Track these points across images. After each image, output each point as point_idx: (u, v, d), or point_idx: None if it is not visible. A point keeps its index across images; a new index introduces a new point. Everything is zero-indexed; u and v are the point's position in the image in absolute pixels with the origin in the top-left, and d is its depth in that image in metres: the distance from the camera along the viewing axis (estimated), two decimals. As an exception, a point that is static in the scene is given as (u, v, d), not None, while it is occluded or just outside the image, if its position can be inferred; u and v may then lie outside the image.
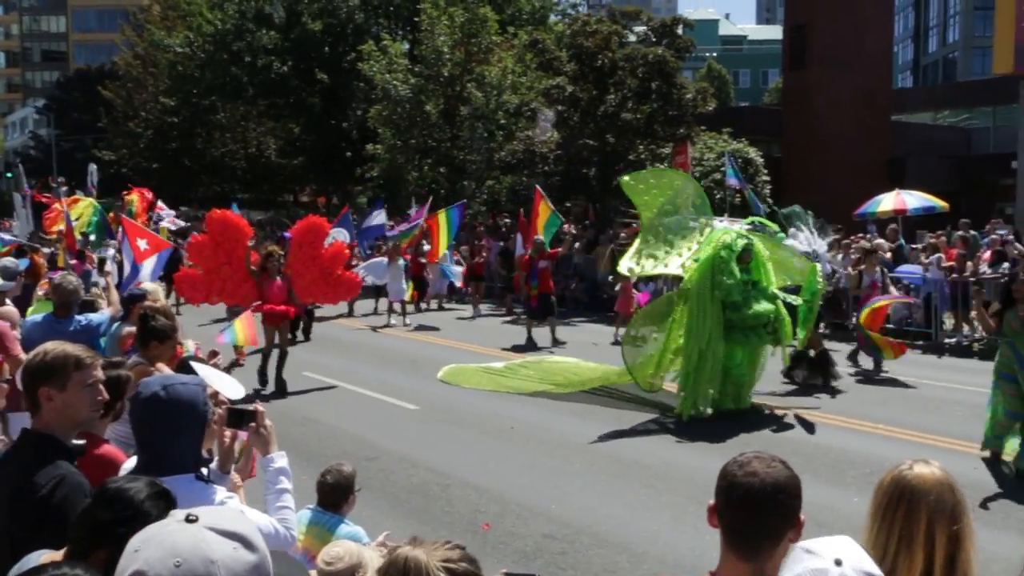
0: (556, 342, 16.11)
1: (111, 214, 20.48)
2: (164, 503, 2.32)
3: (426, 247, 21.02)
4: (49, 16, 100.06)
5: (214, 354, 5.83)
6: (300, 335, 16.96)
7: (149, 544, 1.51)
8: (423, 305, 21.71)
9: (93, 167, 24.17)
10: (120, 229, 17.66)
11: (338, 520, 4.75)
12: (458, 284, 21.77)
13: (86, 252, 16.10)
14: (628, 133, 25.66)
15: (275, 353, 12.58)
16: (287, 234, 15.00)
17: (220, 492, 3.12)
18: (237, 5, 41.11)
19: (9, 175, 64.35)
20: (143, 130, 45.32)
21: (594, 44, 25.37)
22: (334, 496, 4.79)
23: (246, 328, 11.89)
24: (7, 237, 16.86)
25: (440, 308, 22.20)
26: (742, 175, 22.00)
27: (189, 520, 1.54)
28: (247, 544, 1.55)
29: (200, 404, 3.14)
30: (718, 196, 24.79)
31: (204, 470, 3.18)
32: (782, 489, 2.29)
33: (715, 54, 76.23)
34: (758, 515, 2.26)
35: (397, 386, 12.72)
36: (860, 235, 19.68)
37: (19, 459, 3.11)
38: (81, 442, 3.59)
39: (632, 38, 27.73)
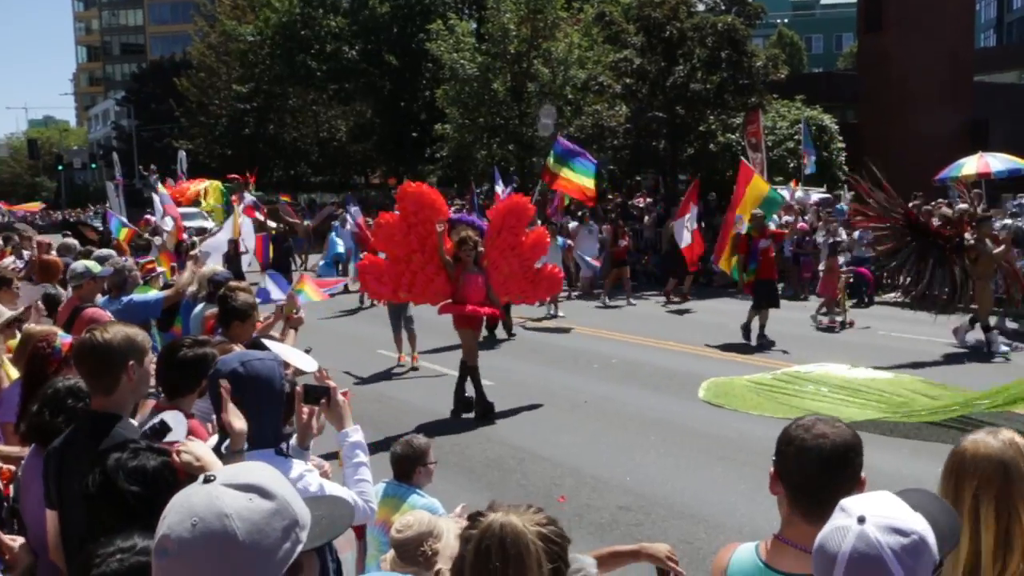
0: (764, 336, 13.75)
1: (234, 196, 20.77)
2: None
3: (572, 224, 19.73)
4: (127, 10, 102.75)
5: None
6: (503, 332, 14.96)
7: (172, 509, 1.57)
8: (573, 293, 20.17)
9: (182, 154, 24.70)
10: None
11: (410, 491, 4.81)
12: (594, 272, 19.83)
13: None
14: (698, 104, 25.26)
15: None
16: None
17: (298, 466, 3.19)
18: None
19: (94, 166, 66.51)
20: (218, 118, 46.33)
21: (662, 15, 24.98)
22: (402, 466, 4.86)
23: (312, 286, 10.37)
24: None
25: (580, 296, 20.18)
26: (813, 143, 21.60)
27: (207, 480, 1.59)
28: (263, 493, 1.58)
29: (278, 379, 3.19)
30: (791, 165, 24.36)
31: (284, 445, 3.25)
32: (852, 447, 2.29)
33: (786, 20, 74.40)
34: (832, 476, 2.25)
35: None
36: (941, 200, 19.07)
37: (89, 439, 3.09)
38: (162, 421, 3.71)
39: (700, 7, 27.24)
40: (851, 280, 16.40)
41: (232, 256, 13.84)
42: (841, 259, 15.90)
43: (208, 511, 1.53)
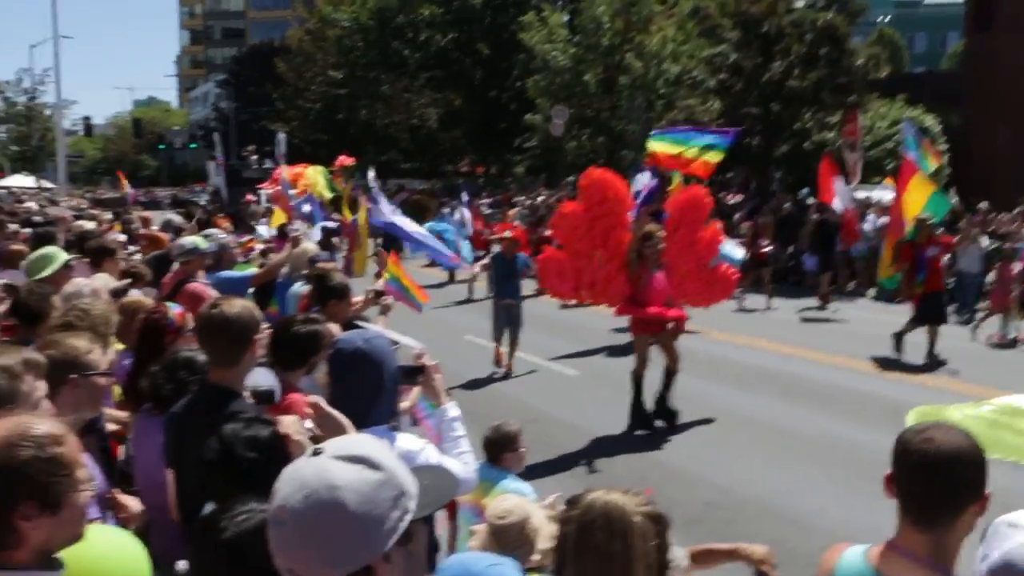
0: (933, 357, 12.20)
1: (336, 178, 20.86)
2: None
3: None
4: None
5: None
6: None
7: (284, 481, 1.62)
8: None
9: (282, 136, 25.10)
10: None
11: (502, 474, 4.85)
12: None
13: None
14: (794, 101, 24.78)
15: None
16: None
17: (414, 440, 3.25)
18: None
19: (193, 146, 68.53)
20: (313, 103, 47.23)
21: (759, 10, 24.57)
22: (493, 449, 4.93)
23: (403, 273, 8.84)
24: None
25: None
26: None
27: (316, 453, 1.64)
28: (371, 464, 1.62)
29: (394, 357, 3.28)
30: (889, 166, 23.70)
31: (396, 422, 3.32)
32: (959, 458, 2.19)
33: (888, 18, 72.18)
34: (932, 483, 2.18)
35: (557, 351, 12.82)
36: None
37: (206, 411, 3.25)
38: (270, 388, 3.82)
39: (800, 3, 26.69)
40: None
41: (325, 244, 13.83)
42: (1018, 267, 14.10)
43: (319, 483, 1.57)
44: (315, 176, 19.71)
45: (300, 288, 7.53)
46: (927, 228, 12.33)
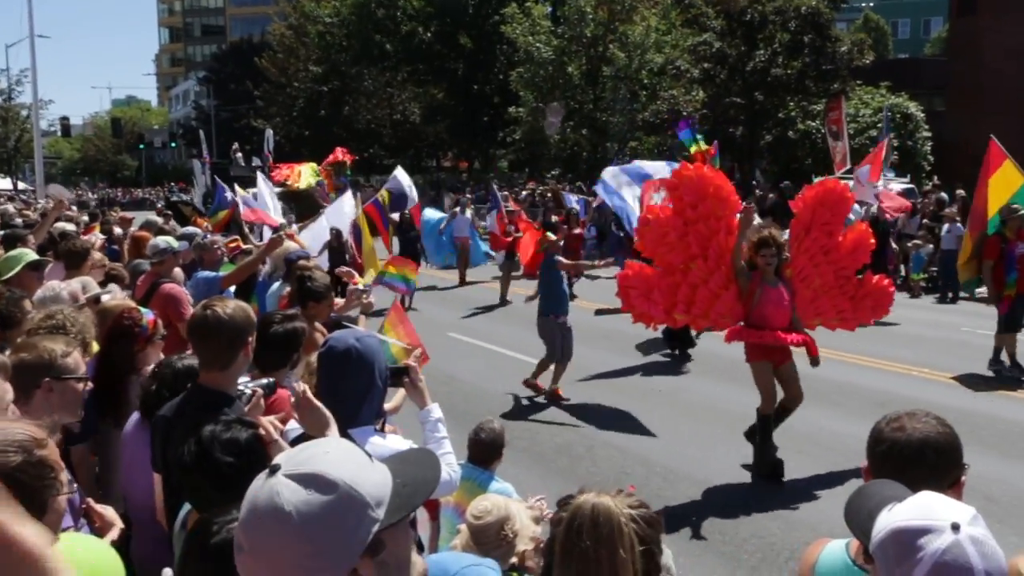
0: (1017, 364, 10.95)
1: (324, 175, 20.59)
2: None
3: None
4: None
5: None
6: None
7: (244, 504, 1.55)
8: None
9: (269, 132, 24.89)
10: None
11: (489, 476, 4.79)
12: None
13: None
14: (778, 90, 24.84)
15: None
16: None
17: (395, 440, 3.21)
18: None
19: (173, 145, 68.21)
20: (295, 99, 47.03)
21: (743, -3, 24.58)
22: (486, 452, 4.83)
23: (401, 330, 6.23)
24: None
25: None
26: (899, 131, 20.87)
27: (272, 471, 1.55)
28: (325, 483, 1.52)
29: (383, 356, 3.24)
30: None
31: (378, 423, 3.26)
32: (930, 445, 2.20)
33: (872, 3, 72.38)
34: (904, 472, 2.14)
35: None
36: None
37: (197, 414, 3.15)
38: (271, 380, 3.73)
39: (783, -10, 26.72)
40: None
41: (335, 247, 13.55)
42: None
43: (269, 508, 1.50)
44: (307, 173, 19.56)
45: (279, 288, 7.42)
46: (1017, 220, 10.67)
